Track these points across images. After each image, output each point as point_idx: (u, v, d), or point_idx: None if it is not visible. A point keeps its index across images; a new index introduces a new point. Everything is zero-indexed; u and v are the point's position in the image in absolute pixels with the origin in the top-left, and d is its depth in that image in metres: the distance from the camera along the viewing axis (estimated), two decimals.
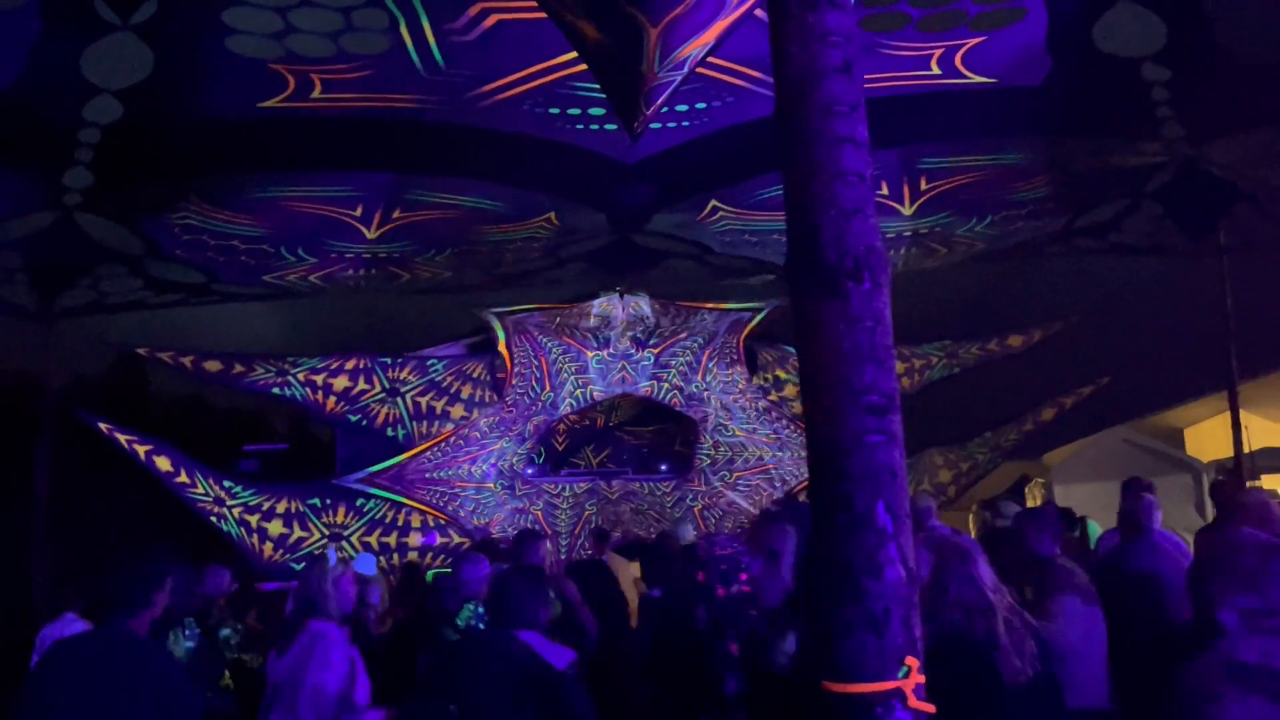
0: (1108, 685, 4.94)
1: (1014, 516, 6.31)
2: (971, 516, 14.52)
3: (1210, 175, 9.25)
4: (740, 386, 15.04)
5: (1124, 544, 6.09)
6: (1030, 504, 15.82)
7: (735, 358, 15.02)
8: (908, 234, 10.29)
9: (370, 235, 9.78)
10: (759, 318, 14.81)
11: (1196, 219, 10.19)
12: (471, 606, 4.81)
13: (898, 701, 2.31)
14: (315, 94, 7.60)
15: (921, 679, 2.34)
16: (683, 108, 7.97)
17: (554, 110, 7.96)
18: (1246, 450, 12.01)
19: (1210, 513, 12.39)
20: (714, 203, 9.36)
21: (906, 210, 9.61)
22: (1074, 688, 4.61)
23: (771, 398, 14.99)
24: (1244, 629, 2.37)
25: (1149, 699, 4.75)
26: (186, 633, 6.83)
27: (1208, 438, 16.48)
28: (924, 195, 9.39)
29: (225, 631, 7.03)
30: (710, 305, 14.63)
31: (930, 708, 2.33)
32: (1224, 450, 13.36)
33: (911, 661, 2.33)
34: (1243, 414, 12.30)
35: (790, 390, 14.88)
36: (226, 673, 6.76)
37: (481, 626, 4.55)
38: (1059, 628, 4.54)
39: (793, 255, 2.44)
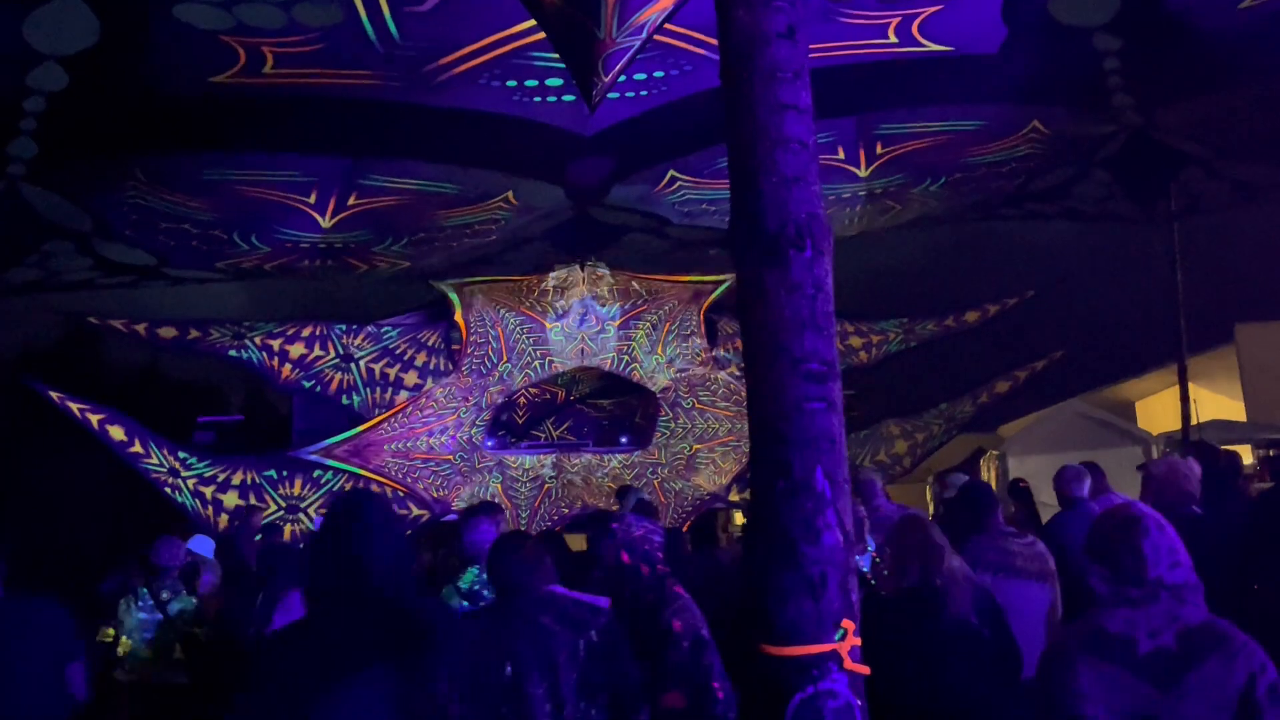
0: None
1: (947, 500, 6.36)
2: (927, 489, 14.71)
3: (1158, 142, 9.41)
4: (701, 359, 15.05)
5: (1056, 515, 6.21)
6: (985, 475, 16.09)
7: (695, 330, 15.02)
8: (862, 193, 10.35)
9: (325, 224, 9.60)
10: (719, 290, 14.82)
11: (1145, 185, 10.36)
12: (475, 570, 4.75)
13: (833, 664, 2.34)
14: (267, 68, 7.46)
15: (857, 641, 2.37)
16: (640, 76, 7.93)
17: (511, 83, 7.88)
18: (1194, 423, 12.26)
19: None
20: (672, 172, 9.34)
21: (862, 173, 9.67)
22: None
23: (732, 370, 15.02)
24: (1113, 599, 2.44)
25: None
26: (139, 603, 6.79)
27: (1158, 411, 16.81)
28: (880, 159, 9.46)
29: (177, 606, 6.95)
30: (670, 278, 14.60)
31: (864, 669, 2.36)
32: (1174, 423, 13.63)
33: (848, 624, 2.36)
34: (1192, 387, 12.56)
35: None
36: (178, 645, 6.70)
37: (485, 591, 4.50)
38: None
39: (735, 222, 2.45)
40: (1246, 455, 12.60)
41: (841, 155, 9.34)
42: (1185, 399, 12.29)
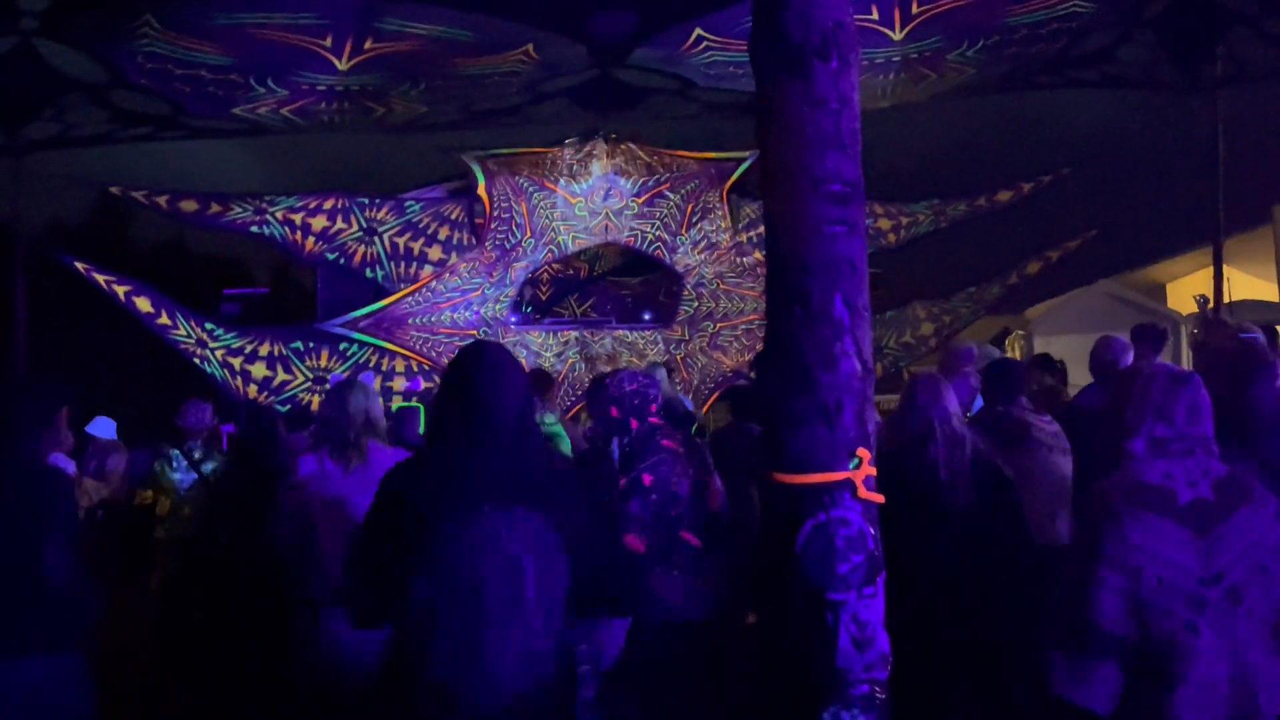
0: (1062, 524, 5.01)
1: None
2: None
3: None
4: (725, 242, 14.88)
5: (1092, 386, 6.13)
6: (1010, 356, 16.00)
7: (719, 211, 14.80)
8: (896, 58, 9.97)
9: (342, 67, 9.43)
10: (742, 168, 14.57)
11: (1191, 47, 9.94)
12: None
13: (847, 492, 2.30)
14: None
15: (873, 471, 2.32)
16: None
17: None
18: (1226, 301, 12.08)
19: (1187, 363, 12.52)
20: (698, 31, 9.00)
21: (896, 35, 9.28)
22: None
23: (757, 256, 14.80)
24: (1150, 453, 2.51)
25: None
26: (174, 464, 6.91)
27: (1189, 292, 16.55)
28: (915, 20, 9.06)
29: (210, 465, 7.07)
30: (692, 154, 14.33)
31: (879, 498, 2.32)
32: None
33: (863, 453, 2.31)
34: (1225, 268, 12.32)
35: None
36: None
37: None
38: None
39: (756, 31, 2.30)
40: None
41: (875, 15, 8.93)
42: (1219, 278, 12.08)
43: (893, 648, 2.35)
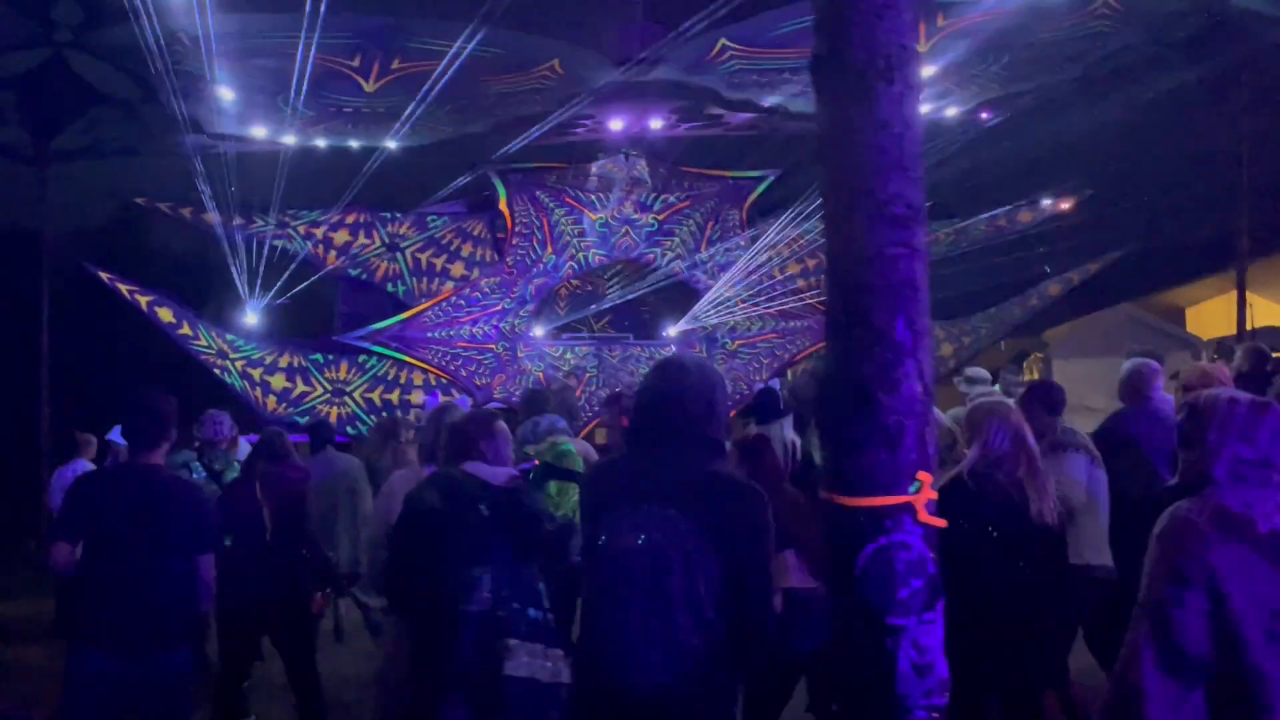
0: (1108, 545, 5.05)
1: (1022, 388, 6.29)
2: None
3: (1235, 22, 9.01)
4: (744, 259, 14.90)
5: (1124, 410, 6.09)
6: (1028, 378, 15.91)
7: (738, 229, 14.83)
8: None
9: (369, 88, 9.48)
10: (762, 187, 14.59)
11: (1217, 70, 9.96)
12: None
13: (908, 516, 2.27)
14: None
15: (934, 494, 2.30)
16: None
17: None
18: (1248, 328, 12.01)
19: None
20: (723, 41, 9.02)
21: (922, 48, 9.30)
22: (1078, 545, 4.75)
23: (775, 274, 14.82)
24: (1231, 479, 2.48)
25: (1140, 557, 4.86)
26: (194, 475, 6.91)
27: (1209, 317, 16.49)
28: (941, 32, 9.07)
29: (230, 476, 7.07)
30: (711, 171, 14.35)
31: (940, 522, 2.30)
32: (1225, 329, 13.37)
33: (924, 477, 2.29)
34: (1248, 294, 12.27)
35: (793, 267, 14.72)
36: None
37: None
38: (1065, 485, 4.59)
39: (818, 53, 2.30)
40: None
41: None
42: (1242, 304, 12.03)
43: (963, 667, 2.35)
